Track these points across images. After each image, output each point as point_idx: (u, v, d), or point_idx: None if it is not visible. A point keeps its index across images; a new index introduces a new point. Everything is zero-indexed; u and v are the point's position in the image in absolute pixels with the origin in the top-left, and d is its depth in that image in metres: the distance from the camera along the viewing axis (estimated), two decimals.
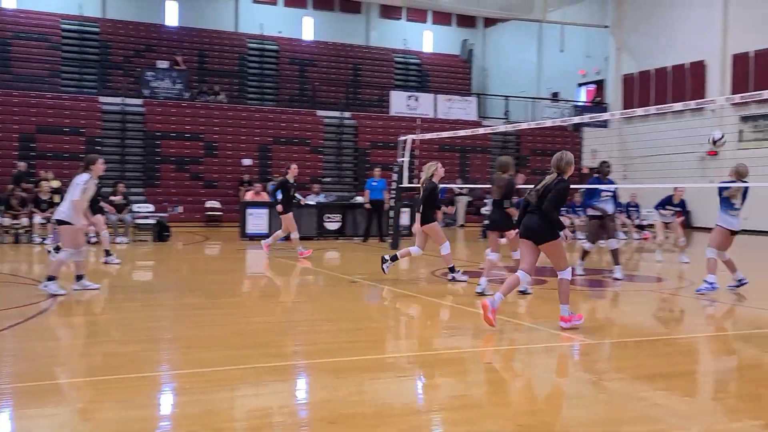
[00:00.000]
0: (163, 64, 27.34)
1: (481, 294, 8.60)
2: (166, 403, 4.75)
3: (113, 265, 11.86)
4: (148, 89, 25.51)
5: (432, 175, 10.29)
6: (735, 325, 8.24)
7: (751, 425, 4.33)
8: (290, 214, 13.83)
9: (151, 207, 20.16)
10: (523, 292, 8.85)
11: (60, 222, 8.79)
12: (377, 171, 18.61)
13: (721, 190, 9.81)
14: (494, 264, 9.13)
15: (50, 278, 8.52)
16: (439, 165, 10.47)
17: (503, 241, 9.39)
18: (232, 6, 33.71)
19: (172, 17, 32.71)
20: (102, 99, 25.25)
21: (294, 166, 14.16)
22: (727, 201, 9.90)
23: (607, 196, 11.26)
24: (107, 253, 12.15)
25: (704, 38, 26.30)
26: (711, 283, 9.50)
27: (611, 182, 11.65)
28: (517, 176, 11.21)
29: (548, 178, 7.00)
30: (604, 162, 11.87)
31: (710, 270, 9.59)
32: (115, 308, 8.27)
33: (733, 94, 22.67)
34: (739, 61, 25.32)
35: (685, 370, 5.83)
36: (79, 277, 9.00)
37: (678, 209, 14.66)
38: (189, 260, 14.27)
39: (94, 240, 15.29)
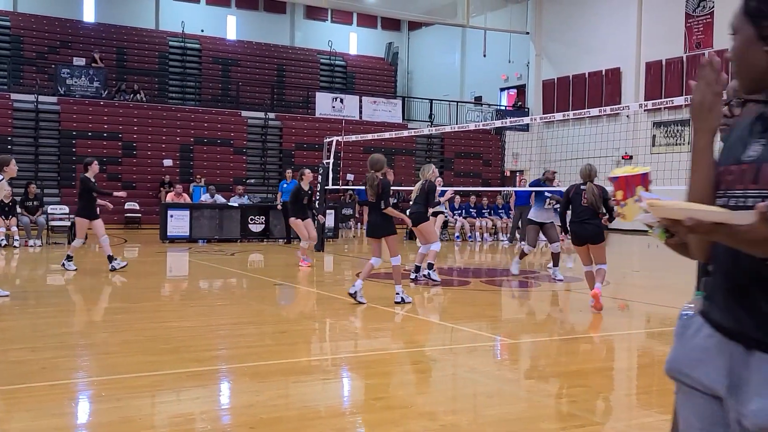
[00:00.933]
0: (79, 61, 26.47)
1: (354, 295, 8.30)
2: (82, 411, 4.60)
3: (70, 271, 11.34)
4: (63, 87, 24.63)
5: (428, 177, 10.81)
6: (648, 324, 8.56)
7: (660, 420, 4.50)
8: (301, 221, 12.78)
9: (66, 208, 19.45)
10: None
11: None
12: (289, 173, 18.37)
13: None
14: (373, 267, 8.58)
15: None
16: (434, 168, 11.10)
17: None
18: (152, 3, 32.92)
19: (89, 13, 31.71)
20: (14, 96, 24.22)
21: (308, 172, 13.13)
22: None
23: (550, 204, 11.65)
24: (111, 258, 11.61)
25: (619, 46, 27.26)
26: None
27: (555, 189, 12.06)
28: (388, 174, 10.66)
29: (589, 188, 8.23)
30: (549, 170, 12.34)
31: None
32: (27, 314, 7.94)
33: (647, 100, 23.59)
34: (652, 68, 26.36)
35: (602, 367, 6.02)
36: None
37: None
38: (106, 263, 13.85)
39: (4, 243, 14.70)
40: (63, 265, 11.39)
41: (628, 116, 25.99)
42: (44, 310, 8.02)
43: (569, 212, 8.54)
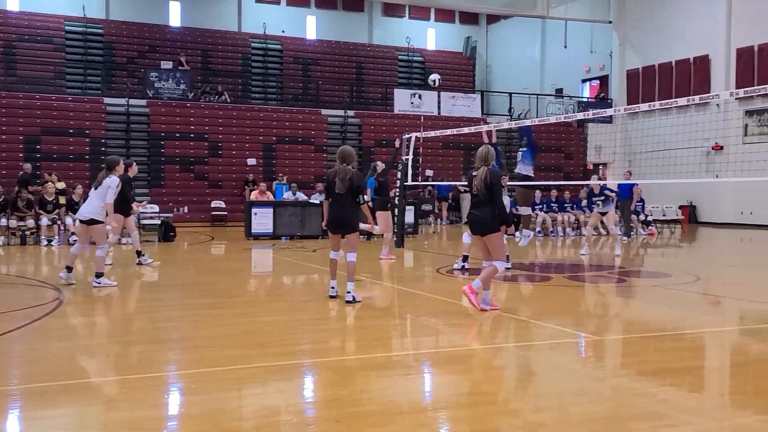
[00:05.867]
0: (166, 65, 27.41)
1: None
2: (174, 403, 4.78)
3: (146, 265, 11.93)
4: (152, 90, 25.57)
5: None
6: (742, 321, 8.23)
7: (756, 420, 4.33)
8: (385, 213, 13.17)
9: (156, 207, 20.21)
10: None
11: (93, 221, 9.35)
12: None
13: None
14: (336, 262, 8.46)
15: (98, 275, 9.34)
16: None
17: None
18: (235, 6, 33.74)
19: (175, 18, 32.77)
20: (106, 100, 25.32)
21: (379, 163, 13.78)
22: None
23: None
24: (139, 254, 12.25)
25: (708, 32, 26.23)
26: None
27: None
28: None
29: (480, 172, 7.58)
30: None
31: None
32: (121, 309, 8.31)
33: (738, 88, 22.61)
34: (744, 54, 25.24)
35: (692, 366, 5.83)
36: (98, 275, 9.40)
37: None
38: (195, 260, 14.30)
39: (124, 241, 15.30)
40: (139, 263, 11.92)
41: (718, 105, 24.98)
42: (138, 306, 8.36)
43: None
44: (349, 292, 8.17)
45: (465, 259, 11.32)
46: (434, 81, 14.11)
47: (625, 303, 9.42)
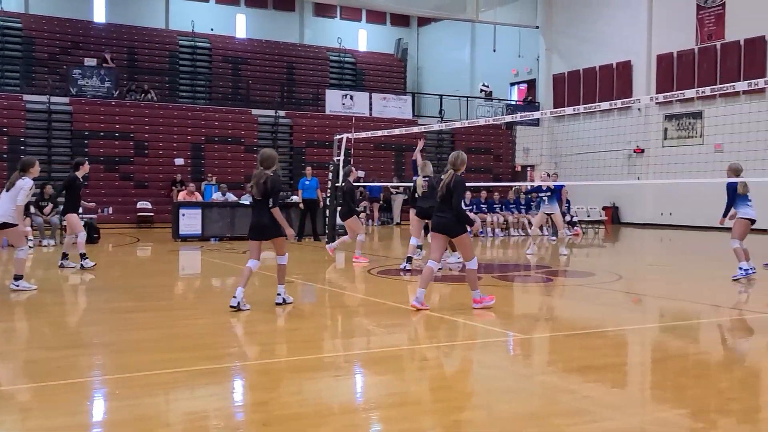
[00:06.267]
0: (90, 62, 26.59)
1: (236, 308, 7.68)
2: (97, 409, 4.63)
3: (69, 269, 11.47)
4: (75, 87, 24.76)
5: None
6: (662, 318, 8.53)
7: (676, 414, 4.49)
8: (356, 218, 13.33)
9: (80, 209, 19.55)
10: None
11: (5, 225, 8.98)
12: (309, 170, 18.54)
13: (732, 188, 10.77)
14: (251, 271, 8.08)
15: (17, 277, 9.00)
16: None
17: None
18: (162, 3, 33.03)
19: (99, 14, 31.86)
20: (26, 97, 24.38)
21: (353, 170, 13.93)
22: (742, 195, 10.85)
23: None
24: (65, 256, 11.78)
25: (630, 39, 27.11)
26: (746, 269, 10.66)
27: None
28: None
29: (446, 176, 7.94)
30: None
31: (741, 258, 10.70)
32: (42, 313, 8.00)
33: (658, 93, 23.45)
34: (663, 61, 26.19)
35: (615, 363, 6.00)
36: (17, 277, 9.06)
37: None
38: (120, 262, 13.93)
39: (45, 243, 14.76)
40: (82, 266, 11.43)
41: (639, 109, 25.85)
42: (59, 309, 8.08)
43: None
44: (279, 294, 8.09)
45: (409, 260, 11.64)
46: (485, 88, 15.04)
47: (552, 302, 9.63)
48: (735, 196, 10.77)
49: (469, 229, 8.32)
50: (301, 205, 18.07)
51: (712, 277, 11.96)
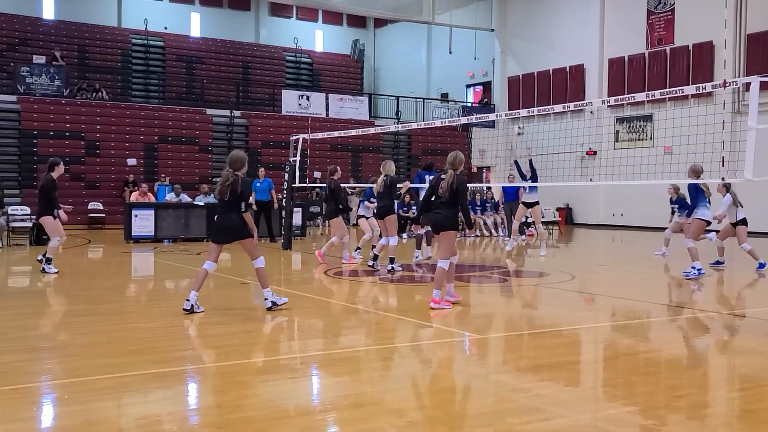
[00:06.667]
0: (39, 60, 25.99)
1: (190, 311, 7.58)
2: (45, 415, 4.51)
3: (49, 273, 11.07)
4: (23, 85, 24.16)
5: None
6: (613, 317, 8.67)
7: (625, 411, 4.57)
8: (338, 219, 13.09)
9: (27, 209, 19.08)
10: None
11: None
12: (262, 171, 18.33)
13: (694, 188, 11.07)
14: (208, 273, 7.91)
15: None
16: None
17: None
18: (114, 0, 32.45)
19: (48, 10, 31.17)
20: None
21: (338, 169, 13.72)
22: (703, 196, 11.17)
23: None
24: (46, 259, 11.27)
25: (583, 43, 27.57)
26: (699, 269, 11.06)
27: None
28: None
29: (448, 176, 8.00)
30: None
31: (696, 258, 11.11)
32: None
33: (609, 96, 23.88)
34: (615, 65, 26.69)
35: (568, 361, 6.08)
36: None
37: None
38: (69, 264, 13.63)
39: None
40: (43, 269, 11.08)
41: (591, 112, 26.29)
42: (5, 313, 7.87)
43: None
44: (266, 299, 7.89)
45: (375, 258, 11.93)
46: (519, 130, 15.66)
47: (507, 302, 9.73)
48: (698, 195, 11.11)
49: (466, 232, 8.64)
50: (254, 207, 17.79)
51: (664, 276, 12.23)
